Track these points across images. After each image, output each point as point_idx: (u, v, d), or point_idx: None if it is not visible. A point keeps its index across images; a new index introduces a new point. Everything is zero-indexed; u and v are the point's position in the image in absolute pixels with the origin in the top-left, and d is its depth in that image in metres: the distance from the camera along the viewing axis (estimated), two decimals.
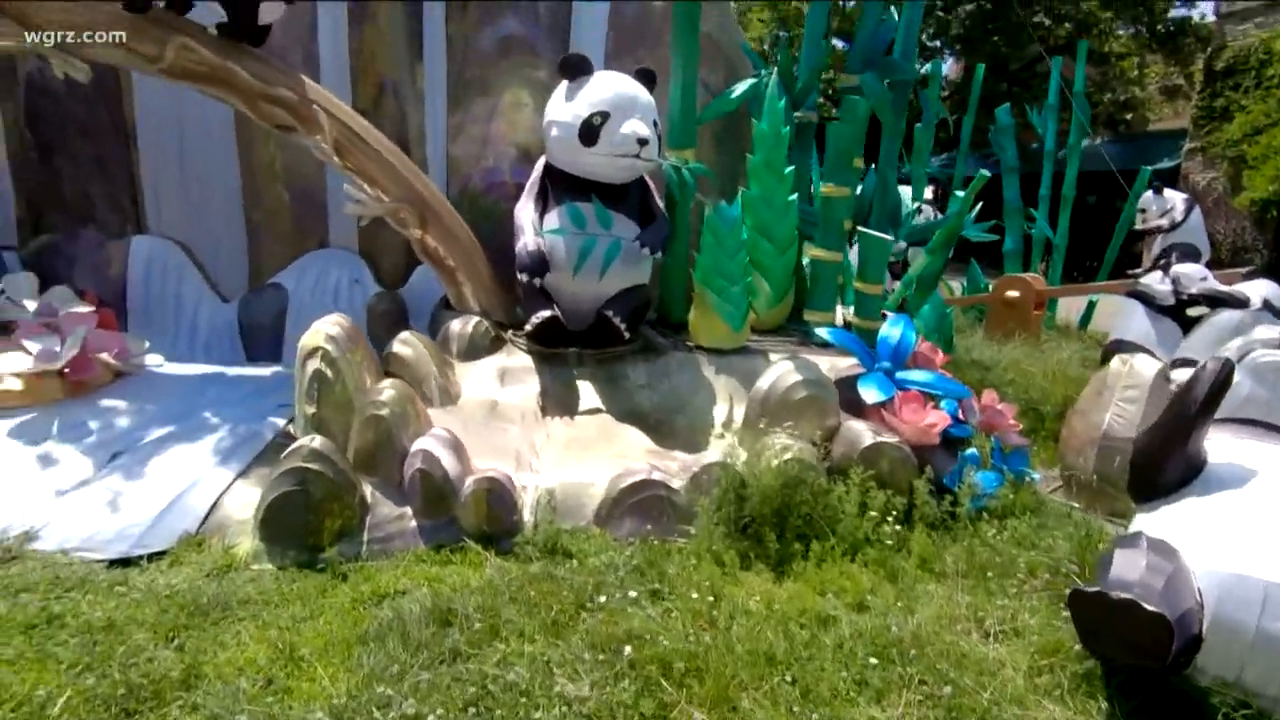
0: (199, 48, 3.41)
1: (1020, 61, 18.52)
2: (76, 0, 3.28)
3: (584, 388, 3.68)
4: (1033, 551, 2.76)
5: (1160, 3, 16.84)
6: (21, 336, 3.20)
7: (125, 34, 3.35)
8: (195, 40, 3.41)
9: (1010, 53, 17.83)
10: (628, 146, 3.48)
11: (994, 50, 16.91)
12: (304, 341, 3.06)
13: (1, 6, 3.22)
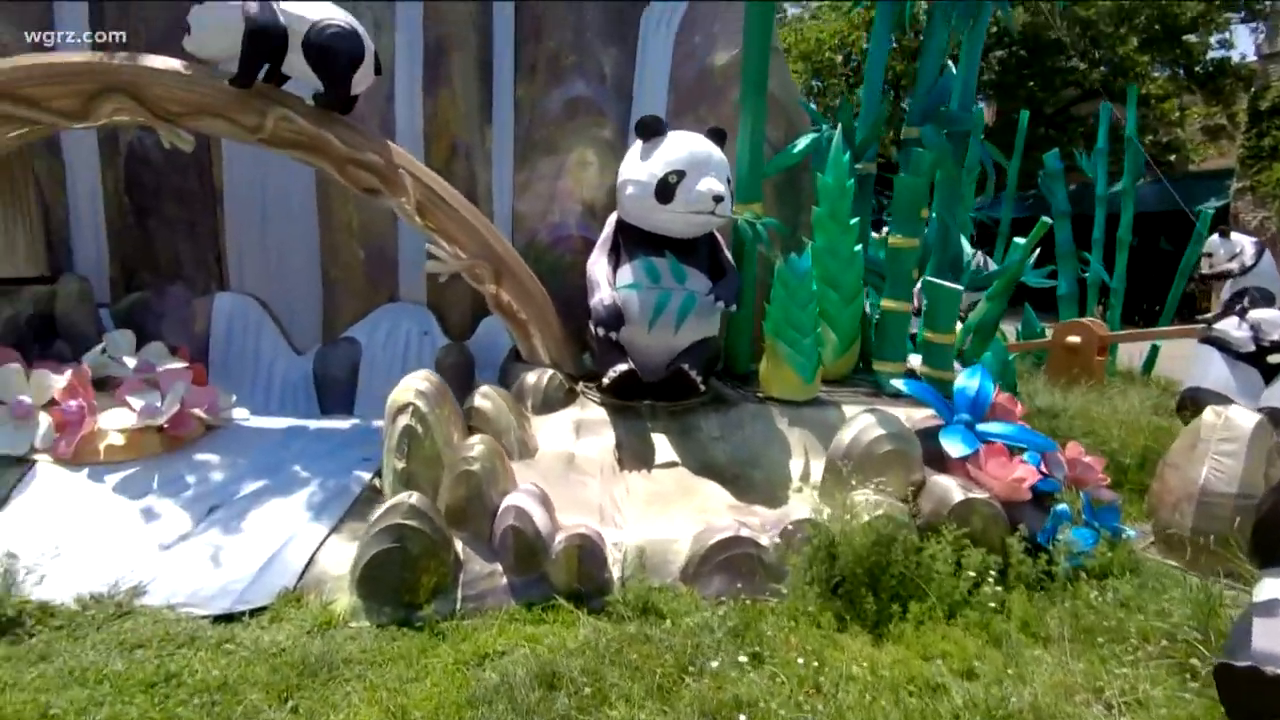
0: (296, 118, 3.61)
1: (1055, 105, 18.59)
2: (187, 78, 3.51)
3: (659, 440, 3.68)
4: (1142, 615, 2.65)
5: (1198, 45, 16.85)
6: (125, 393, 3.33)
7: (229, 107, 3.56)
8: (293, 111, 3.61)
9: (1045, 96, 17.92)
10: (703, 204, 3.55)
11: (1029, 95, 17.00)
12: (394, 397, 3.13)
13: (117, 85, 3.46)
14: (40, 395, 3.21)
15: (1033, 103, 16.33)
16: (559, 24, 4.75)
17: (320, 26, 3.50)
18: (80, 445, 3.12)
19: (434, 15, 4.73)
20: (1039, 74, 17.20)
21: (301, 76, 3.65)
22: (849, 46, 17.76)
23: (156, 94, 3.51)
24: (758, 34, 3.85)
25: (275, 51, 3.48)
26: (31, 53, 3.79)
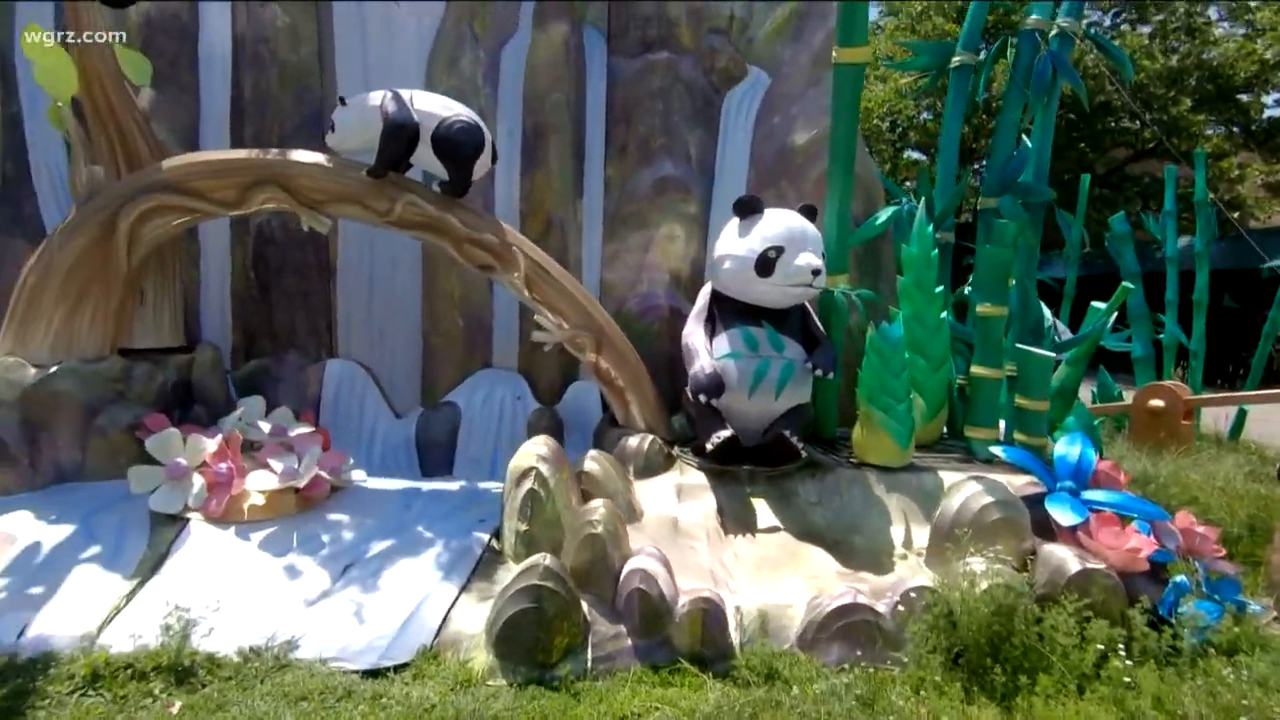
0: (422, 203, 3.96)
1: (1107, 165, 18.59)
2: (329, 169, 3.90)
3: (759, 505, 3.77)
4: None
5: (1254, 103, 16.78)
6: (266, 456, 3.60)
7: (364, 194, 3.93)
8: (419, 196, 3.96)
9: (1095, 157, 17.96)
10: (802, 277, 3.73)
11: (1080, 156, 17.07)
12: (516, 463, 3.31)
13: (270, 177, 3.86)
14: (194, 458, 3.49)
15: (1084, 163, 16.38)
16: (649, 110, 5.10)
17: (448, 122, 3.87)
18: (228, 505, 3.37)
19: (532, 105, 5.14)
20: (1089, 135, 17.29)
21: (428, 166, 4.02)
22: (895, 114, 18.20)
23: (302, 184, 3.90)
24: (846, 116, 4.09)
25: (409, 146, 3.85)
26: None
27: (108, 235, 3.78)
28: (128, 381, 3.84)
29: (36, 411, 3.54)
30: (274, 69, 4.99)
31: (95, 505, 3.44)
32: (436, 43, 5.12)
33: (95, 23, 3.91)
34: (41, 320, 3.68)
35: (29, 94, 4.93)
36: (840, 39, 3.97)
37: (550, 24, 5.08)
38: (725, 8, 5.15)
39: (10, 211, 4.91)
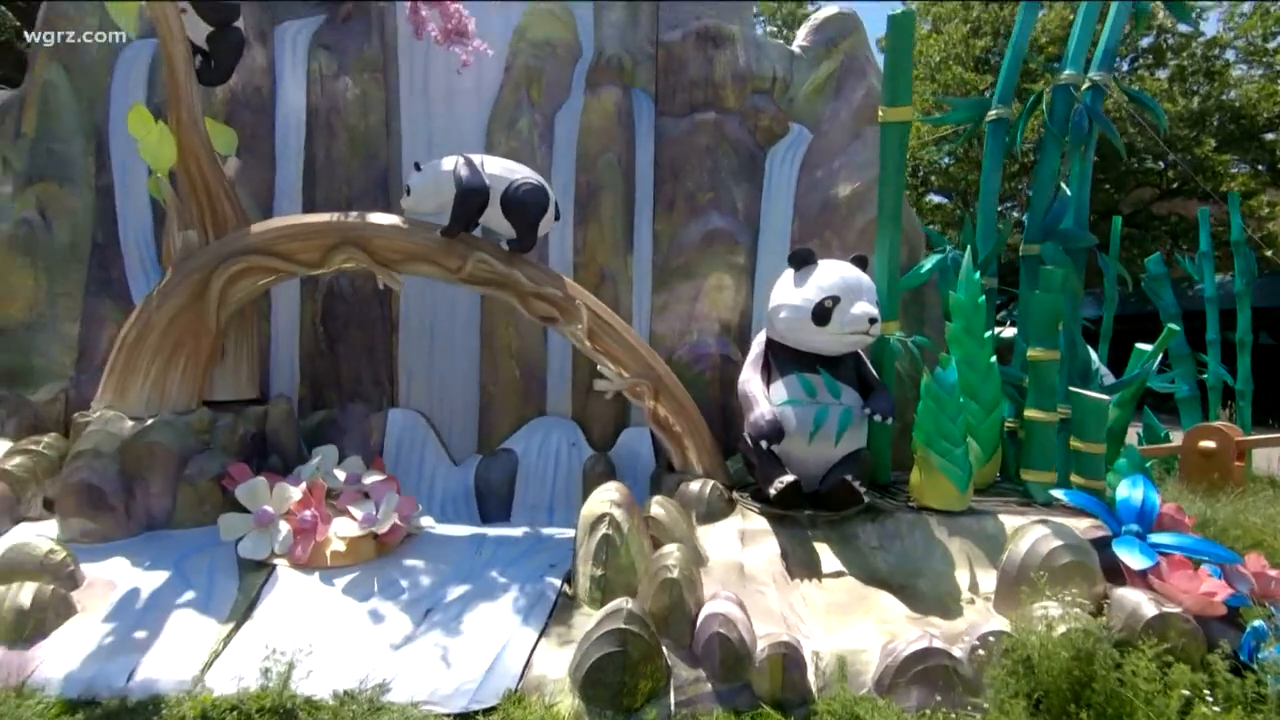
0: (491, 260, 4.18)
1: (1132, 205, 18.65)
2: (405, 230, 4.15)
3: (821, 550, 3.82)
4: None
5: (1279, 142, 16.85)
6: (346, 503, 3.74)
7: (437, 253, 4.17)
8: (488, 254, 4.18)
9: (1120, 198, 18.05)
10: (859, 325, 3.85)
11: (1105, 197, 17.18)
12: (589, 509, 3.42)
13: (350, 239, 4.11)
14: (279, 505, 3.65)
15: (1109, 205, 16.48)
16: (696, 167, 5.34)
17: (517, 184, 4.12)
18: (313, 551, 3.50)
19: (585, 164, 5.41)
20: (1114, 177, 17.43)
21: (496, 226, 4.25)
22: (916, 159, 18.52)
23: (380, 244, 4.15)
24: (893, 170, 4.27)
25: (481, 207, 4.09)
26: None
27: (200, 295, 4.03)
28: (213, 432, 4.04)
29: (133, 462, 3.74)
30: (344, 136, 5.33)
31: (185, 551, 3.60)
32: (495, 108, 5.44)
33: (193, 97, 4.25)
34: (139, 375, 3.91)
35: (120, 167, 5.31)
36: (886, 99, 4.18)
37: (602, 89, 5.38)
38: (768, 69, 5.41)
39: (100, 275, 5.24)
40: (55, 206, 5.18)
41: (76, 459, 3.66)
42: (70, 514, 3.61)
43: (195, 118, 4.27)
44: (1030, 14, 5.22)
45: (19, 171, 5.23)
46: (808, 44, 5.61)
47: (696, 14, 5.41)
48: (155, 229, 5.34)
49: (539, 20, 5.46)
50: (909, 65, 4.13)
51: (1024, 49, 5.22)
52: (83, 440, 3.72)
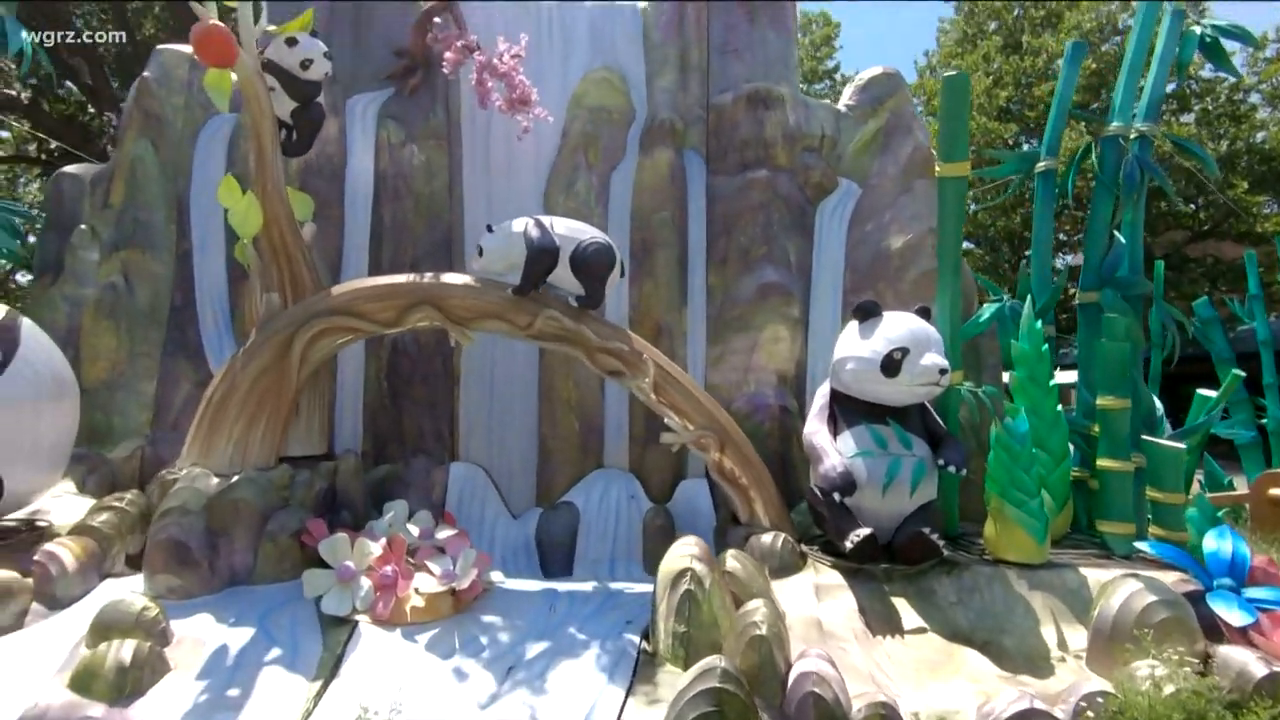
0: (560, 316, 4.30)
1: (1164, 249, 18.54)
2: (477, 289, 4.30)
3: (899, 604, 3.75)
4: None
5: None
6: (423, 559, 3.78)
7: (508, 310, 4.30)
8: (557, 311, 4.30)
9: (1152, 241, 17.98)
10: (929, 376, 3.88)
11: None
12: (670, 564, 3.42)
13: (426, 299, 4.27)
14: (361, 561, 3.70)
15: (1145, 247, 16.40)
16: (749, 222, 5.48)
17: (585, 244, 4.26)
18: (394, 607, 3.53)
19: (639, 222, 5.57)
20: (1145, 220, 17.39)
21: (565, 285, 4.38)
22: None
23: (454, 303, 4.30)
24: (951, 223, 4.35)
25: (550, 267, 4.23)
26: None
27: (283, 355, 4.18)
28: (292, 488, 4.13)
29: (218, 518, 3.83)
30: (410, 200, 5.57)
31: (268, 607, 3.64)
32: (553, 171, 5.66)
33: (277, 168, 4.50)
34: (224, 433, 4.04)
35: (199, 234, 5.59)
36: (942, 155, 4.29)
37: (655, 150, 5.58)
38: (817, 127, 5.59)
39: (177, 335, 5.46)
40: (138, 271, 5.45)
41: (165, 515, 3.76)
42: (158, 570, 3.69)
43: (279, 187, 4.50)
44: (1074, 68, 5.35)
45: (105, 240, 5.53)
46: (853, 103, 5.80)
47: (746, 77, 5.63)
48: (230, 291, 5.59)
49: (594, 87, 5.72)
50: (964, 123, 4.26)
51: (1069, 102, 5.34)
52: (171, 497, 3.83)
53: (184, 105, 5.70)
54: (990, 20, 20.66)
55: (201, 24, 3.94)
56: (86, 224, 5.58)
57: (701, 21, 5.77)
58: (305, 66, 4.48)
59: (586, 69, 5.78)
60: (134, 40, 18.29)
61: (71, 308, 5.43)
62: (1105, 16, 18.59)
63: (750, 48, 5.69)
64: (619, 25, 5.88)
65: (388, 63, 5.73)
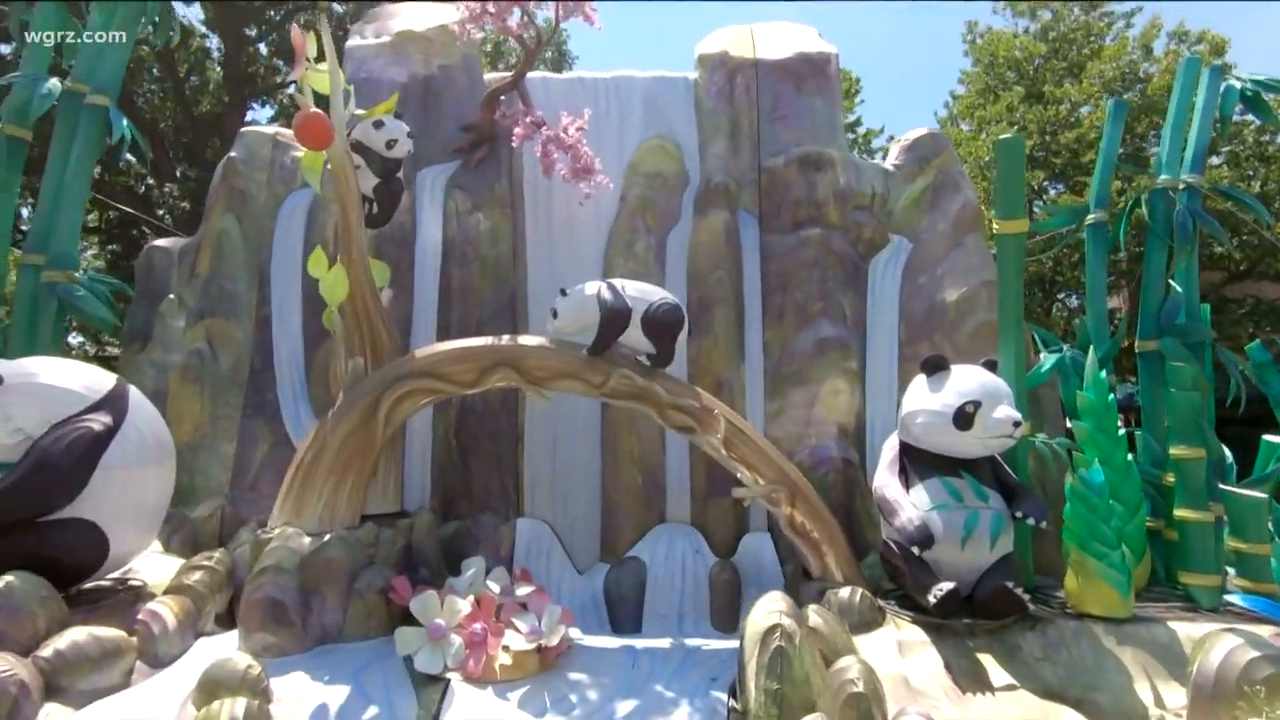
0: (633, 375, 4.45)
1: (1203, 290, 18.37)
2: (553, 350, 4.48)
3: (986, 661, 3.72)
4: None
5: None
6: (508, 615, 3.86)
7: (582, 370, 4.46)
8: (631, 370, 4.46)
9: None
10: (1003, 429, 3.93)
11: None
12: (759, 621, 3.45)
13: (505, 360, 4.46)
14: (451, 619, 3.78)
15: None
16: (804, 279, 5.63)
17: (656, 304, 4.44)
18: (485, 665, 3.59)
19: (696, 281, 5.76)
20: None
21: (635, 344, 4.54)
22: None
23: (531, 364, 4.48)
24: (1012, 278, 4.46)
25: (623, 328, 4.41)
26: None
27: (370, 417, 4.37)
28: (377, 546, 4.26)
29: (311, 577, 3.96)
30: (476, 264, 5.83)
31: (359, 665, 3.73)
32: (612, 234, 5.91)
33: (361, 239, 4.78)
34: (314, 493, 4.20)
35: (278, 301, 5.90)
36: (1000, 214, 4.44)
37: (710, 212, 5.81)
38: (867, 186, 5.79)
39: (255, 398, 5.71)
40: (221, 337, 5.74)
41: (261, 574, 3.90)
42: (255, 628, 3.81)
43: (363, 257, 4.78)
44: (1117, 125, 5.52)
45: (191, 308, 5.85)
46: (900, 162, 6.00)
47: (796, 141, 5.88)
48: (305, 355, 5.85)
49: (650, 155, 6.01)
50: (1020, 182, 4.41)
51: (1114, 157, 5.49)
52: (266, 556, 3.97)
53: (266, 182, 6.09)
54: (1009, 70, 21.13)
55: (303, 111, 4.28)
56: (175, 293, 5.92)
57: (751, 91, 6.06)
58: (390, 146, 4.81)
59: (642, 137, 6.08)
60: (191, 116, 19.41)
61: (158, 373, 5.72)
62: (1128, 66, 18.93)
63: (798, 114, 5.95)
64: (672, 96, 6.21)
65: (455, 137, 6.09)
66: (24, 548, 3.71)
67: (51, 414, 3.90)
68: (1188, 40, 19.37)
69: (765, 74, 6.06)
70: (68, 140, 5.92)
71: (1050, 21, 22.33)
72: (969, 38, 23.34)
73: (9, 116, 5.80)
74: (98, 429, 3.91)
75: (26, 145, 5.94)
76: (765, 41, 6.23)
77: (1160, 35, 19.76)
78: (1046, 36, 22.04)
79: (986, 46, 22.31)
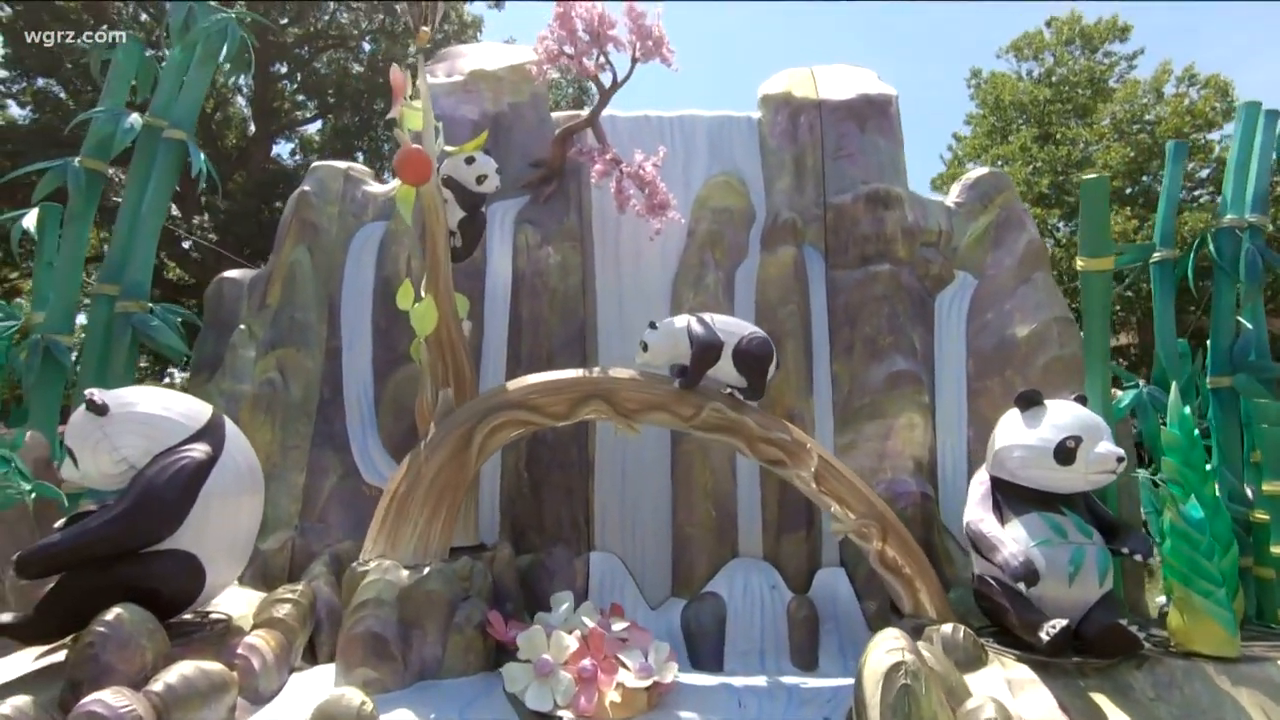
0: (724, 408, 4.46)
1: None
2: (645, 383, 4.50)
3: (1100, 701, 3.67)
4: None
5: None
6: (614, 652, 3.80)
7: (672, 402, 4.48)
8: (722, 403, 4.48)
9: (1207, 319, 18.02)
10: (1107, 464, 3.94)
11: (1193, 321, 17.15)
12: (878, 660, 3.41)
13: (597, 392, 4.47)
14: (558, 655, 3.73)
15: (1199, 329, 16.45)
16: (874, 314, 5.69)
17: (748, 337, 4.48)
18: (596, 702, 3.54)
19: (765, 315, 5.79)
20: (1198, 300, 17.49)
21: (725, 378, 4.57)
22: None
23: (623, 396, 4.50)
24: (1098, 317, 4.53)
25: (714, 361, 4.44)
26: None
27: (463, 449, 4.37)
28: (472, 580, 4.22)
29: (411, 610, 3.91)
30: (545, 297, 5.88)
31: (463, 702, 3.66)
32: (680, 268, 5.97)
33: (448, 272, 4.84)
34: (409, 525, 4.18)
35: (348, 333, 5.94)
36: (1086, 251, 4.52)
37: (778, 247, 5.89)
38: (934, 223, 5.89)
39: (324, 428, 5.71)
40: (292, 368, 5.76)
41: (361, 608, 3.85)
42: (356, 663, 3.75)
43: (449, 290, 4.83)
44: (1178, 164, 5.66)
45: (261, 338, 5.88)
46: (962, 200, 6.11)
47: (862, 179, 5.99)
48: (375, 386, 5.87)
49: (717, 191, 6.11)
50: (1106, 221, 4.51)
51: (1177, 197, 5.62)
52: (365, 589, 3.93)
53: (337, 214, 6.18)
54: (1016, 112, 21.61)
55: (405, 148, 4.37)
56: (245, 324, 5.95)
57: (815, 130, 6.20)
58: (480, 181, 4.91)
59: (708, 174, 6.19)
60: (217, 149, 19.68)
61: (229, 402, 5.71)
62: (1138, 109, 19.40)
63: (863, 152, 6.08)
64: (736, 134, 6.34)
65: (524, 172, 6.19)
66: (126, 579, 3.67)
67: (155, 444, 3.90)
68: (1196, 83, 19.87)
69: (829, 114, 6.21)
70: (144, 173, 6.03)
71: (1052, 66, 22.89)
72: (974, 81, 23.89)
73: (90, 151, 5.91)
74: (201, 459, 3.90)
75: (104, 178, 6.04)
76: (827, 83, 6.39)
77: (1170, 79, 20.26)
78: (1050, 80, 22.57)
79: (991, 89, 22.84)
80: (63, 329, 5.76)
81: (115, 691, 3.10)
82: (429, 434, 4.47)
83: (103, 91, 6.18)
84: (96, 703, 3.03)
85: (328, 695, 3.32)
